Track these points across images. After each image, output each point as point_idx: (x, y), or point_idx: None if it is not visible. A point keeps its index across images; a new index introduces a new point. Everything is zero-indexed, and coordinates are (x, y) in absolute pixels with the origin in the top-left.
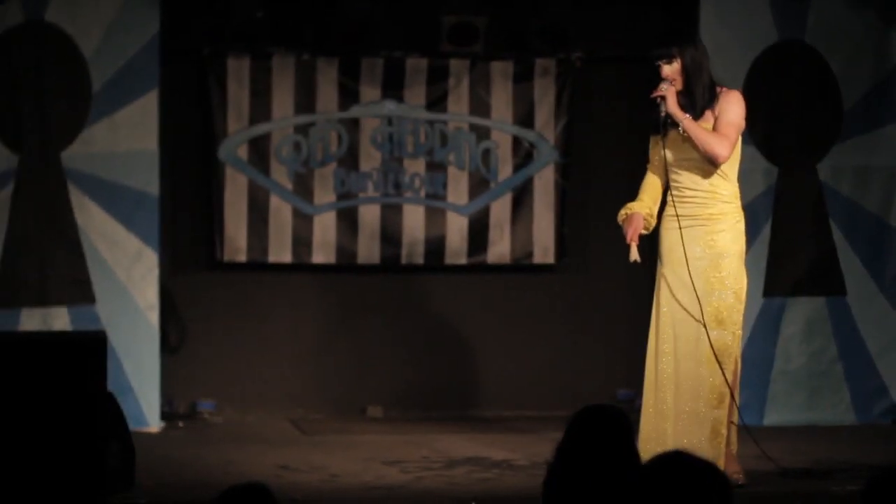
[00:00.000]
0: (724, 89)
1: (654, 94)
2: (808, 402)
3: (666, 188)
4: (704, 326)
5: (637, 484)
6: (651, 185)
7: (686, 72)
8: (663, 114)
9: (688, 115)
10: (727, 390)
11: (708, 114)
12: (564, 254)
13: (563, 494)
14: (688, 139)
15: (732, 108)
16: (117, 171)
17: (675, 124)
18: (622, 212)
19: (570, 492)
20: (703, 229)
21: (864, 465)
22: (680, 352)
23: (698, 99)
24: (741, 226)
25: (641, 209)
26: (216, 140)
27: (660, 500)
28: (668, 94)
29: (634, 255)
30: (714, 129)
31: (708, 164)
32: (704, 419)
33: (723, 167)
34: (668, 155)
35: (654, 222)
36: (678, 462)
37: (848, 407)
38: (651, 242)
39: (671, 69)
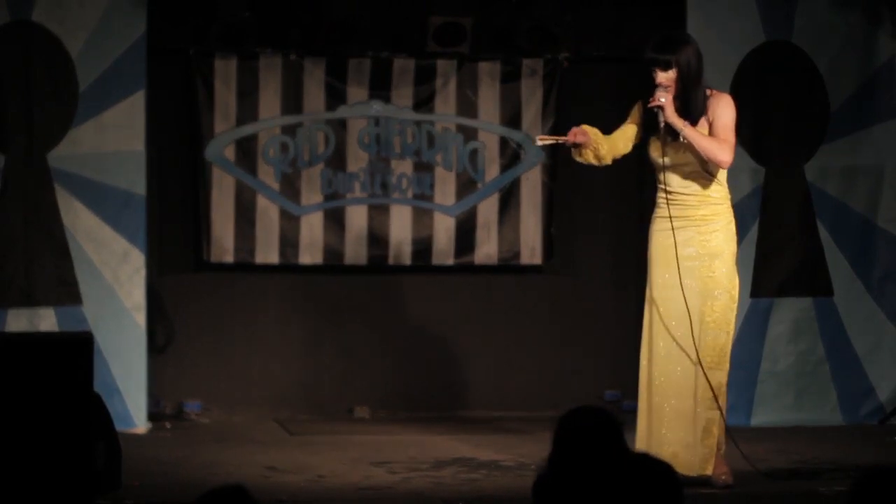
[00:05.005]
0: (714, 92)
1: (652, 104)
2: (795, 402)
3: (655, 184)
4: (692, 328)
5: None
6: (620, 137)
7: (683, 79)
8: (662, 124)
9: (686, 123)
10: (722, 391)
11: (702, 119)
12: (552, 254)
13: (553, 495)
14: (688, 146)
15: (727, 112)
16: (104, 171)
17: (674, 132)
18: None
19: (561, 492)
20: (695, 230)
21: (851, 466)
22: (673, 352)
23: (695, 105)
24: (733, 226)
25: (597, 136)
26: (203, 140)
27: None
28: (666, 103)
29: (545, 140)
30: (711, 133)
31: (701, 169)
32: (698, 419)
33: (712, 170)
34: (665, 160)
35: (594, 153)
36: (635, 464)
37: (835, 407)
38: (641, 242)
39: (666, 77)
